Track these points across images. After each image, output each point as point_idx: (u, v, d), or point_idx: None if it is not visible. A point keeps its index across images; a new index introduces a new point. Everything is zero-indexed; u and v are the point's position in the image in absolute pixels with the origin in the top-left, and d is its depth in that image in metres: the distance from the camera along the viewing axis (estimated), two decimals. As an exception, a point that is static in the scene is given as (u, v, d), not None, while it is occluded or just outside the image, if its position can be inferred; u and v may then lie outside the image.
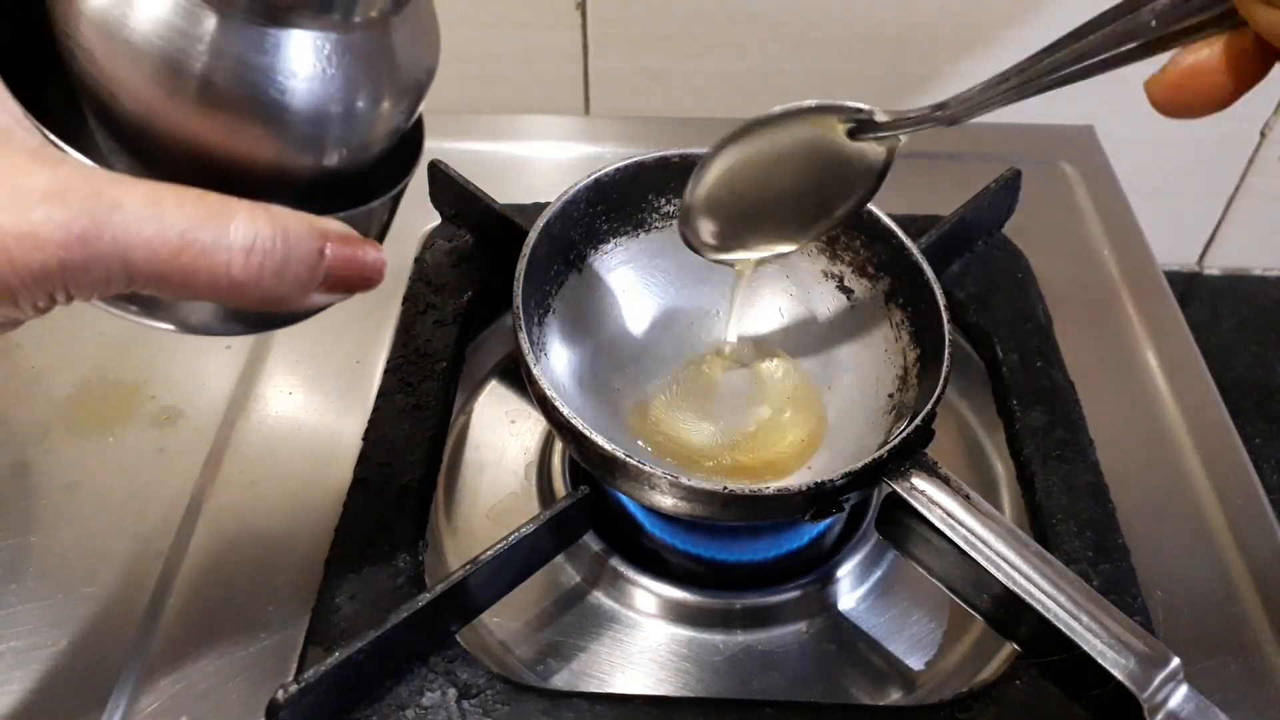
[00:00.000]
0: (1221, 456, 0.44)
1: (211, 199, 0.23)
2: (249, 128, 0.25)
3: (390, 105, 0.27)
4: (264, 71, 0.24)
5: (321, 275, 0.25)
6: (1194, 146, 0.72)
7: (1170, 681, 0.31)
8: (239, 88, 0.24)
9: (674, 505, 0.35)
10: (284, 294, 0.25)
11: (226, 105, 0.24)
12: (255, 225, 0.23)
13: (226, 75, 0.24)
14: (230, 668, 0.36)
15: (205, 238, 0.23)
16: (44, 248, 0.21)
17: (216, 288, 0.23)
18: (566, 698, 0.35)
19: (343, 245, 0.25)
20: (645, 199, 0.44)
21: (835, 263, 0.44)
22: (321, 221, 0.25)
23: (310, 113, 0.25)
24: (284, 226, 0.24)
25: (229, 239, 0.23)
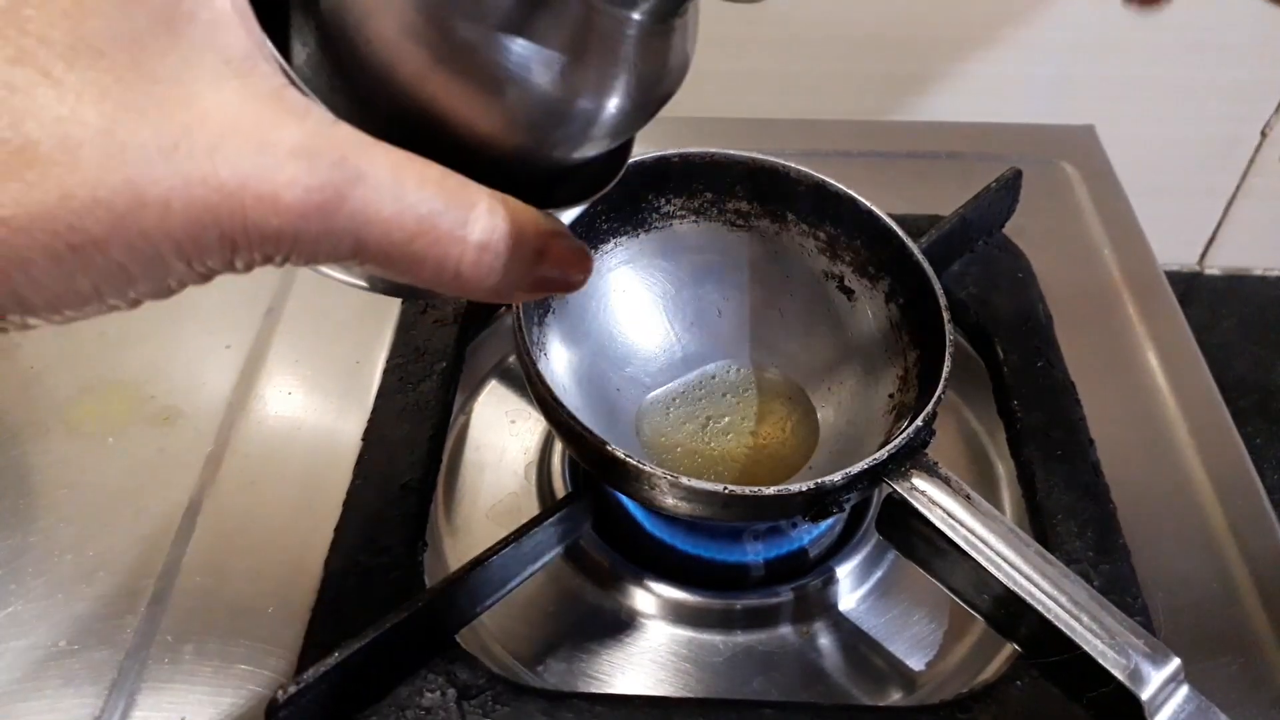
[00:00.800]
0: (1222, 456, 0.44)
1: (455, 182, 0.21)
2: (501, 103, 0.22)
3: (639, 110, 0.25)
4: (544, 48, 0.22)
5: (535, 278, 0.23)
6: (1194, 146, 0.72)
7: (1171, 682, 0.31)
8: (505, 57, 0.21)
9: (674, 505, 0.35)
10: (498, 289, 0.23)
11: (487, 74, 0.22)
12: (495, 220, 0.22)
13: (496, 40, 0.21)
14: (230, 668, 0.36)
15: (444, 226, 0.21)
16: (282, 213, 0.19)
17: (441, 278, 0.22)
18: (566, 698, 0.35)
19: (564, 246, 0.24)
20: (645, 199, 0.44)
21: (835, 263, 0.44)
22: (549, 220, 0.23)
23: (567, 99, 0.23)
24: (519, 224, 0.22)
25: (466, 231, 0.21)
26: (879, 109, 0.70)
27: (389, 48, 0.21)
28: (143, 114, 0.18)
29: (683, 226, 0.44)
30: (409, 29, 0.21)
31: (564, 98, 0.23)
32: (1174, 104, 0.69)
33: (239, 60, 0.20)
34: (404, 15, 0.21)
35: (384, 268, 0.21)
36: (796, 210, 0.43)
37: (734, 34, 0.66)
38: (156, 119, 0.18)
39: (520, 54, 0.22)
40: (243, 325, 0.48)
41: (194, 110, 0.19)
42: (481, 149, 0.23)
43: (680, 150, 0.42)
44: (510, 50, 0.21)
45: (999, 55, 0.67)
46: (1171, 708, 0.31)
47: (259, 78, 0.20)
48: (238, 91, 0.19)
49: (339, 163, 0.20)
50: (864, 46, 0.66)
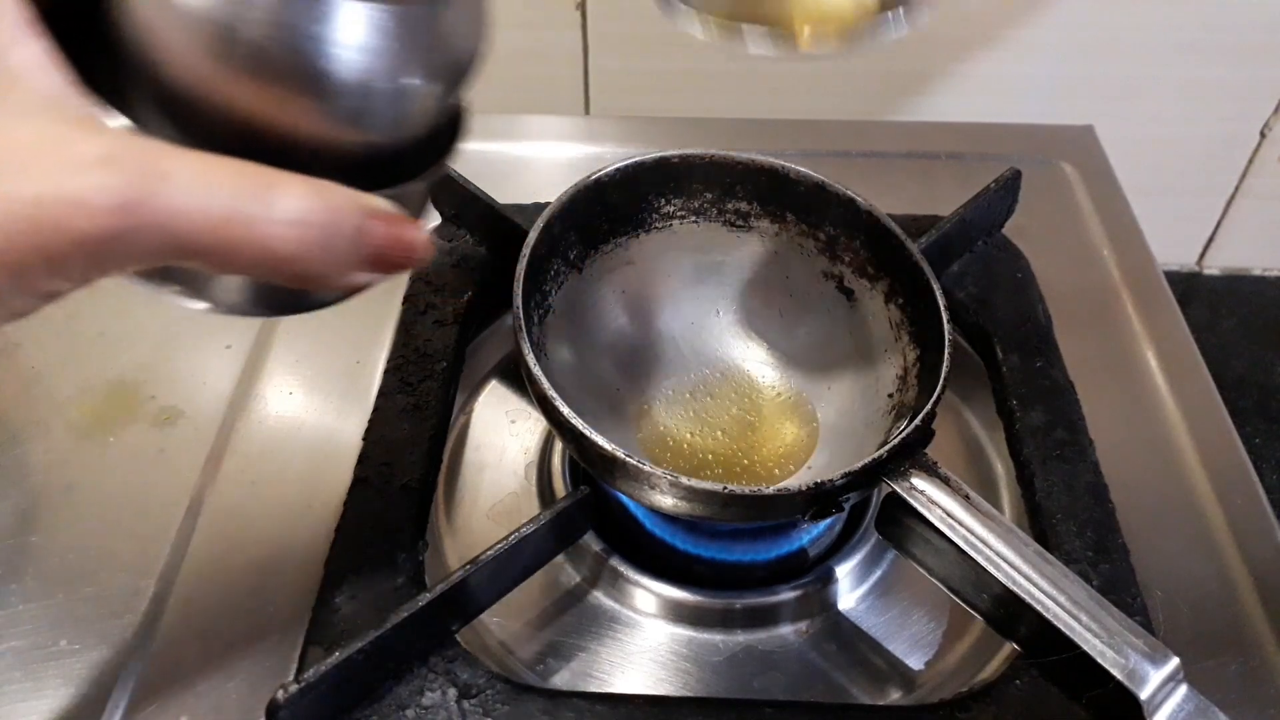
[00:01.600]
0: (1221, 456, 0.44)
1: (258, 171, 0.23)
2: (297, 99, 0.24)
3: (436, 83, 0.27)
4: (315, 40, 0.23)
5: (366, 252, 0.25)
6: (1194, 146, 0.72)
7: (1170, 681, 0.31)
8: (289, 57, 0.23)
9: (674, 505, 0.35)
10: (327, 269, 0.24)
11: (276, 75, 0.24)
12: (301, 198, 0.23)
13: (277, 43, 0.23)
14: (230, 668, 0.36)
15: (251, 210, 0.22)
16: (94, 215, 0.21)
17: (260, 261, 0.23)
18: (566, 698, 0.35)
19: (387, 222, 0.25)
20: (645, 199, 0.44)
21: (835, 263, 0.44)
22: (366, 197, 0.25)
23: (359, 85, 0.24)
24: (330, 201, 0.24)
25: (274, 212, 0.23)
26: (879, 109, 0.70)
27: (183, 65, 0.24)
28: None
29: (683, 227, 0.44)
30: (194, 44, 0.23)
31: (360, 86, 0.24)
32: (1173, 104, 0.69)
33: (45, 97, 0.22)
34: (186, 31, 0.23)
35: (207, 261, 0.23)
36: (796, 210, 0.43)
37: (734, 34, 0.66)
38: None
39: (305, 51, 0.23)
40: (243, 325, 0.48)
41: (4, 141, 0.21)
42: (297, 146, 0.25)
43: (680, 150, 0.42)
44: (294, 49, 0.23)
45: (999, 55, 0.67)
46: (1170, 707, 0.31)
47: (65, 109, 0.22)
48: (45, 121, 0.22)
49: (141, 165, 0.22)
50: (864, 46, 0.67)
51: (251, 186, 0.23)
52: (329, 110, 0.25)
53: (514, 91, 0.68)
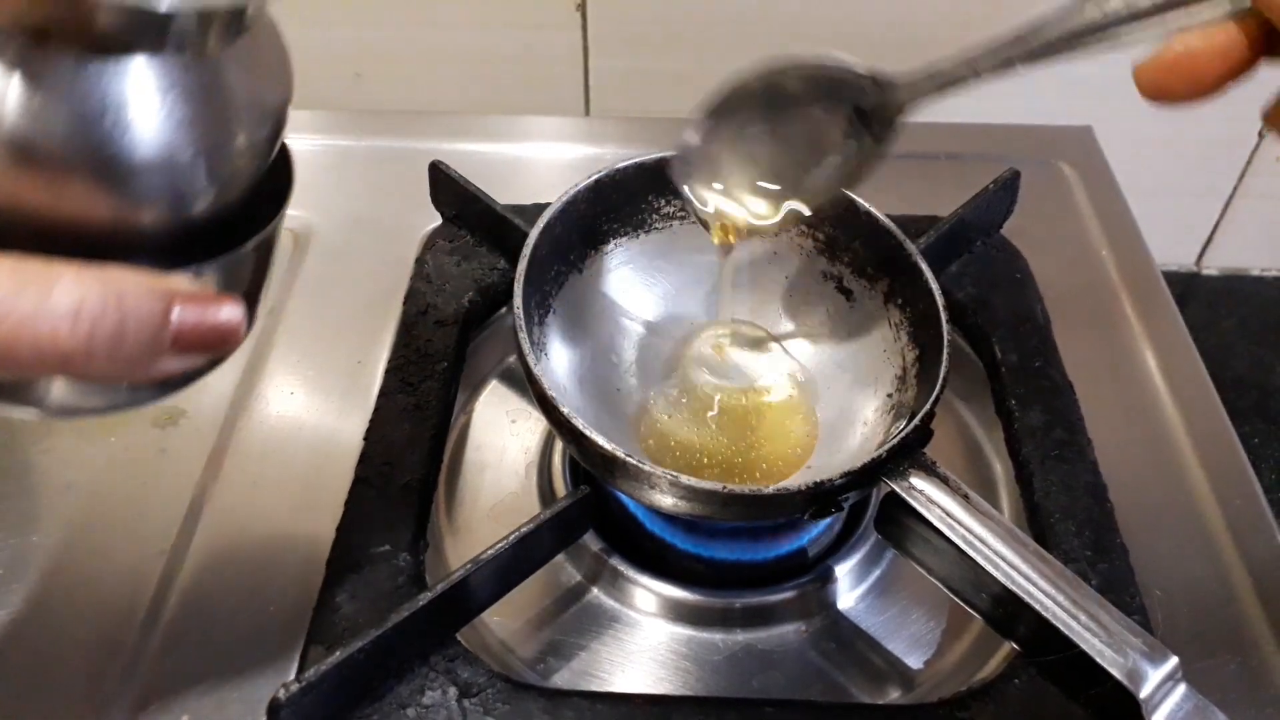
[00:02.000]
0: (1220, 456, 0.44)
1: (31, 264, 0.21)
2: (72, 184, 0.22)
3: (236, 144, 0.24)
4: (82, 119, 0.21)
5: (168, 339, 0.23)
6: (1193, 147, 0.72)
7: (1169, 680, 0.31)
8: (53, 141, 0.21)
9: (674, 505, 0.35)
10: (125, 361, 0.22)
11: (41, 162, 0.21)
12: (82, 289, 0.21)
13: (38, 128, 0.21)
14: (230, 668, 0.36)
15: (25, 305, 0.21)
16: None
17: (44, 359, 0.21)
18: (567, 697, 0.35)
19: (192, 305, 0.23)
20: (645, 199, 0.44)
21: (834, 263, 0.44)
22: (166, 280, 0.23)
23: (142, 160, 0.22)
24: (118, 288, 0.22)
25: (51, 305, 0.21)
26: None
27: None
28: None
29: (682, 227, 0.45)
30: None
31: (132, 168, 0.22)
32: (1172, 104, 0.69)
33: None
34: None
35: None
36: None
37: (733, 34, 0.66)
38: None
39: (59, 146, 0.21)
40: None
41: None
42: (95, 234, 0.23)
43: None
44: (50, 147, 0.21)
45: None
46: (1169, 706, 0.31)
47: None
48: None
49: None
50: (864, 46, 0.67)
51: (23, 281, 0.21)
52: (113, 190, 0.23)
53: (514, 91, 0.68)
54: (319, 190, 0.55)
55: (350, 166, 0.58)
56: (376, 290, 0.50)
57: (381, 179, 0.57)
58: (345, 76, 0.67)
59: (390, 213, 0.54)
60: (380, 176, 0.57)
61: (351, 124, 0.61)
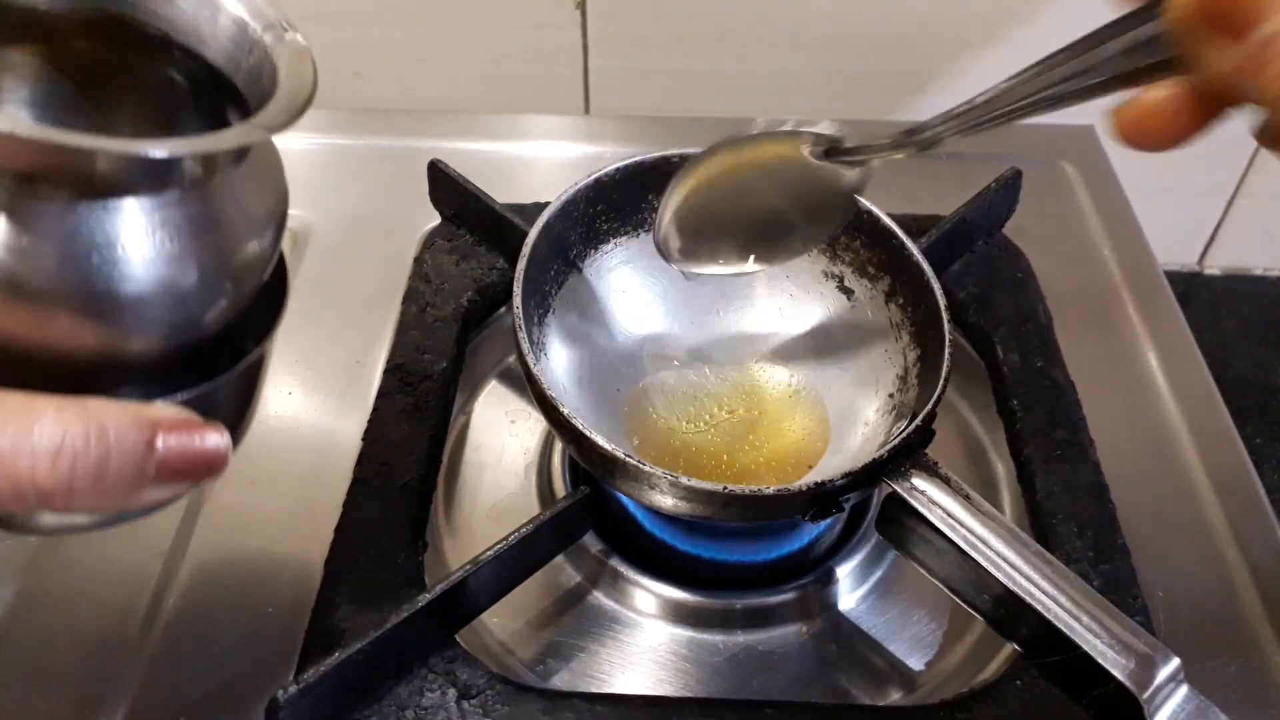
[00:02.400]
0: (1222, 456, 0.44)
1: (10, 399, 0.21)
2: (57, 319, 0.21)
3: (231, 268, 0.24)
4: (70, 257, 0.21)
5: (153, 471, 0.22)
6: (1194, 146, 0.72)
7: (1170, 681, 0.31)
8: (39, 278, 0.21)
9: (674, 505, 0.35)
10: (108, 495, 0.22)
11: (26, 297, 0.21)
12: (62, 425, 0.21)
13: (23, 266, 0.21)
14: (230, 668, 0.36)
15: (3, 444, 0.20)
16: None
17: (23, 498, 0.21)
18: (566, 698, 0.35)
19: (177, 434, 0.22)
20: (645, 199, 0.44)
21: (835, 263, 0.44)
22: (150, 410, 0.22)
23: (131, 295, 0.22)
24: (99, 422, 0.21)
25: (30, 442, 0.20)
26: (879, 109, 0.70)
27: None
28: None
29: (683, 226, 0.44)
30: None
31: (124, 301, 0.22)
32: (1174, 104, 0.69)
33: None
34: None
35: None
36: (796, 210, 0.43)
37: (734, 34, 0.66)
38: None
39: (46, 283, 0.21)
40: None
41: None
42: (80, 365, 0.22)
43: (680, 150, 0.42)
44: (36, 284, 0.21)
45: (999, 55, 0.67)
46: (1171, 707, 0.31)
47: None
48: None
49: None
50: (864, 46, 0.66)
51: (5, 419, 0.20)
52: (105, 327, 0.22)
53: (514, 91, 0.68)
54: (317, 189, 0.55)
55: (349, 165, 0.58)
56: (375, 290, 0.50)
57: (380, 178, 0.57)
58: (344, 75, 0.67)
59: (389, 212, 0.54)
60: (379, 175, 0.57)
61: (350, 123, 0.61)
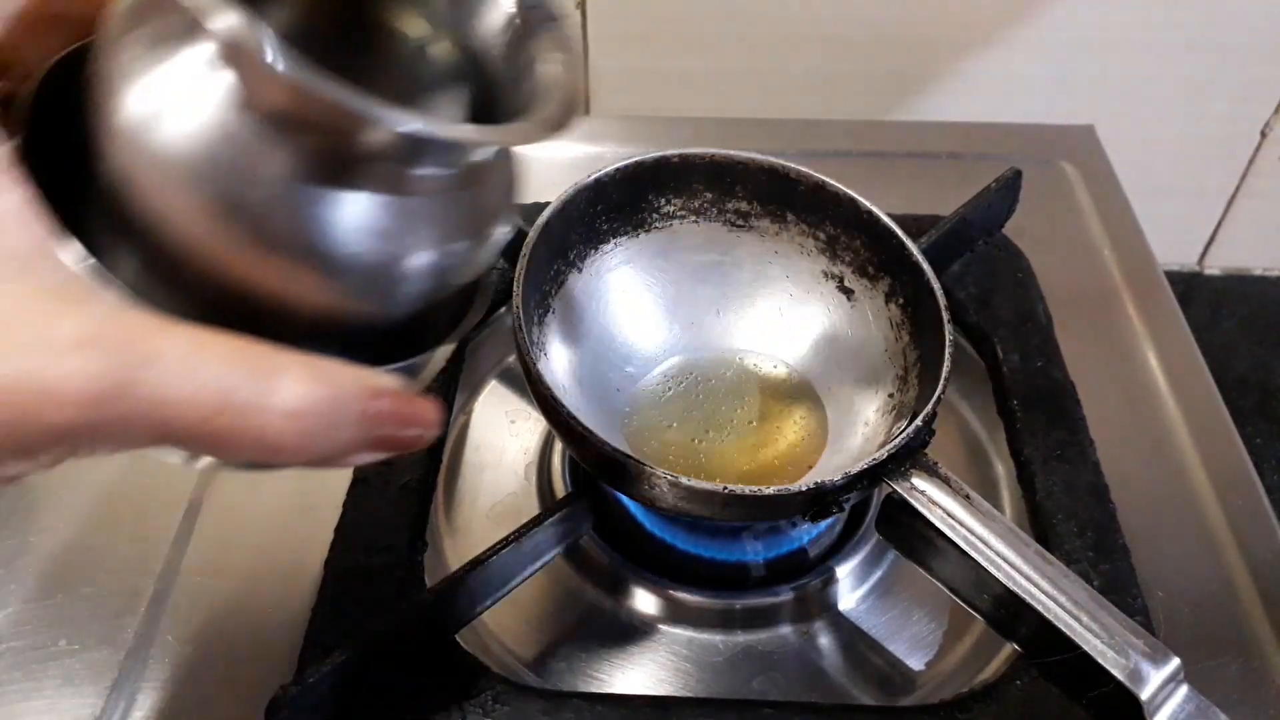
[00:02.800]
0: (1222, 456, 0.44)
1: (256, 353, 0.21)
2: (305, 275, 0.22)
3: (467, 257, 0.24)
4: (336, 218, 0.21)
5: (371, 439, 0.22)
6: (1194, 146, 0.72)
7: (1170, 682, 0.31)
8: (304, 232, 0.21)
9: (674, 505, 0.35)
10: (326, 457, 0.22)
11: (286, 250, 0.21)
12: (304, 385, 0.21)
13: (290, 217, 0.21)
14: (230, 668, 0.36)
15: (243, 399, 0.20)
16: (68, 405, 0.19)
17: (254, 451, 0.21)
18: (566, 698, 0.35)
19: (395, 405, 0.22)
20: (645, 199, 0.44)
21: (835, 263, 0.44)
22: (375, 378, 0.22)
23: (376, 263, 0.22)
24: (335, 386, 0.21)
25: (272, 401, 0.20)
26: (879, 109, 0.70)
27: (180, 236, 0.21)
28: None
29: (683, 227, 0.44)
30: (195, 217, 0.21)
31: (372, 264, 0.22)
32: (1174, 104, 0.69)
33: (22, 259, 0.20)
34: (187, 203, 0.21)
35: (193, 448, 0.21)
36: (796, 210, 0.43)
37: (734, 34, 0.66)
38: None
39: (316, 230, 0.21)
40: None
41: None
42: (302, 319, 0.22)
43: (680, 150, 0.42)
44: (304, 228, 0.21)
45: (999, 55, 0.67)
46: (1171, 707, 0.31)
47: (44, 273, 0.20)
48: (20, 289, 0.19)
49: (123, 348, 0.19)
50: (864, 46, 0.67)
51: (248, 372, 0.20)
52: (340, 287, 0.22)
53: (514, 91, 0.68)
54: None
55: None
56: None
57: (381, 178, 0.57)
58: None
59: (390, 212, 0.54)
60: (380, 176, 0.57)
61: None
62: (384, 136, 0.21)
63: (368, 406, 0.22)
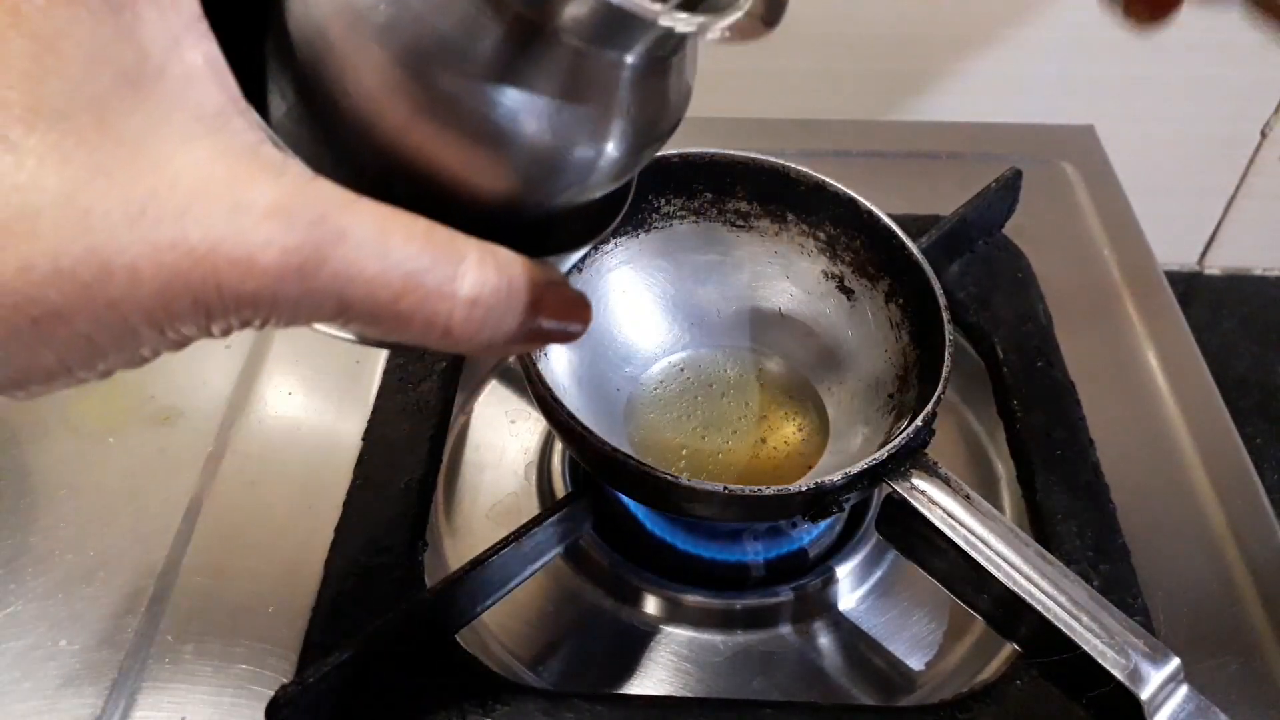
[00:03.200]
0: (1222, 456, 0.44)
1: (441, 236, 0.20)
2: (488, 154, 0.21)
3: (636, 152, 0.24)
4: (532, 96, 0.21)
5: (532, 330, 0.22)
6: (1194, 146, 0.72)
7: (1170, 682, 0.31)
8: (495, 110, 0.21)
9: (674, 505, 0.35)
10: (490, 344, 0.22)
11: (470, 124, 0.21)
12: (484, 273, 0.21)
13: (479, 91, 0.20)
14: (230, 668, 0.36)
15: (430, 282, 0.20)
16: (258, 276, 0.18)
17: (430, 335, 0.21)
18: (566, 698, 0.35)
19: (558, 299, 0.23)
20: (645, 199, 0.44)
21: (835, 263, 0.44)
22: (542, 269, 0.22)
23: (561, 152, 0.22)
24: (510, 276, 0.21)
25: (455, 287, 0.20)
26: (879, 109, 0.70)
27: (369, 100, 0.21)
28: (109, 177, 0.18)
29: (683, 226, 0.44)
30: (389, 81, 0.20)
31: (555, 147, 0.22)
32: (1174, 104, 0.69)
33: (211, 117, 0.19)
34: (383, 66, 0.20)
35: (370, 327, 0.21)
36: (796, 210, 0.43)
37: (734, 34, 0.66)
38: (122, 182, 0.18)
39: (507, 104, 0.21)
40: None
41: (162, 172, 0.18)
42: (473, 200, 0.22)
43: (680, 150, 0.42)
44: (496, 101, 0.21)
45: (999, 55, 0.67)
46: (1171, 707, 0.31)
47: (232, 134, 0.19)
48: (209, 150, 0.19)
49: (318, 221, 0.19)
50: (864, 46, 0.66)
51: (434, 256, 0.20)
52: (521, 172, 0.22)
53: (514, 91, 0.68)
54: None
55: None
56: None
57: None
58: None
59: (390, 212, 0.54)
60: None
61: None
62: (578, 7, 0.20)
63: (535, 298, 0.22)
